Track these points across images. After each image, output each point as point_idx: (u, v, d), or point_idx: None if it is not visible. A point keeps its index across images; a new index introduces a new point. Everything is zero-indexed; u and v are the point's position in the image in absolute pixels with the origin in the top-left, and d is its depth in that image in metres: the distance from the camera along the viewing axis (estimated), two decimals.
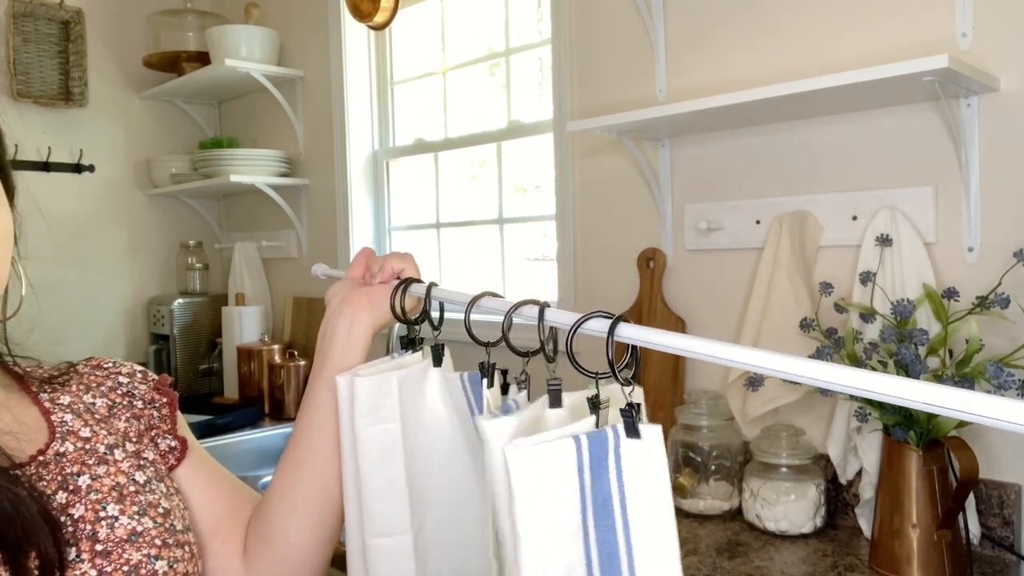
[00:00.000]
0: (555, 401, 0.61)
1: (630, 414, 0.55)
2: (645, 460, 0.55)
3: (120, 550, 0.62)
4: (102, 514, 0.64)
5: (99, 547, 0.62)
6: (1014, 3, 1.25)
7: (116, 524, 0.64)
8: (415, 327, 0.80)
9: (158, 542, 0.65)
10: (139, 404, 0.77)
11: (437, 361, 0.77)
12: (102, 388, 0.76)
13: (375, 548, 0.75)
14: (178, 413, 0.81)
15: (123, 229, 2.82)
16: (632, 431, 0.55)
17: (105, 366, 0.78)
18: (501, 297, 0.71)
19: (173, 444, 0.78)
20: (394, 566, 0.75)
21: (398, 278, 0.81)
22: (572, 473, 0.55)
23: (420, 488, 0.76)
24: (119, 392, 0.76)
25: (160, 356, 2.73)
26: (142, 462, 0.71)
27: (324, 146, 2.57)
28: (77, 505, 0.63)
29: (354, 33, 2.48)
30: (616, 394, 0.58)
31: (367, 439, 0.74)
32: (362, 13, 2.26)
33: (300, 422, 0.80)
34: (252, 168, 2.56)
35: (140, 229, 2.86)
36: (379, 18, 2.25)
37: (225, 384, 2.69)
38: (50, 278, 2.62)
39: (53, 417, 0.69)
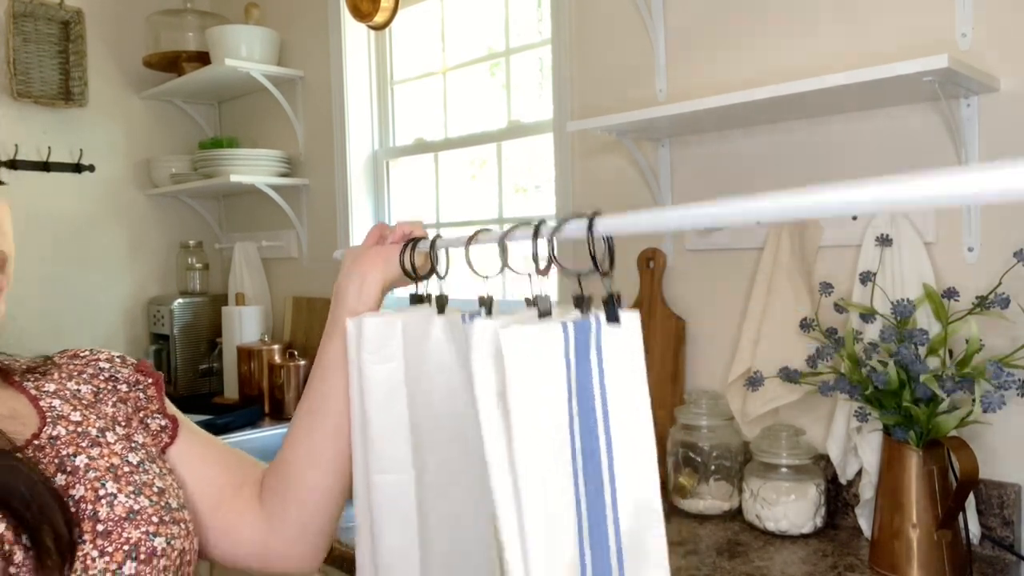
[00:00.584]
0: (544, 312, 0.64)
1: (611, 302, 0.61)
2: (624, 343, 0.61)
3: (120, 529, 0.63)
4: (101, 492, 0.64)
5: (100, 527, 0.63)
6: (1014, 3, 1.25)
7: (115, 502, 0.64)
8: (424, 282, 0.84)
9: (155, 519, 0.66)
10: (123, 387, 0.77)
11: (440, 309, 0.80)
12: (84, 375, 0.76)
13: (378, 484, 0.77)
14: (166, 397, 0.81)
15: (123, 229, 2.82)
16: (613, 317, 0.61)
17: (82, 355, 0.79)
18: (490, 231, 0.75)
19: (164, 423, 0.78)
20: (396, 503, 0.77)
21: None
22: (560, 357, 0.59)
23: (423, 430, 0.78)
24: (102, 378, 0.77)
25: (160, 356, 2.73)
26: (133, 444, 0.72)
27: (324, 146, 2.57)
28: (77, 486, 0.64)
29: (354, 33, 2.48)
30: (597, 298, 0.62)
31: (372, 377, 0.78)
32: (362, 13, 2.26)
33: (315, 374, 0.84)
34: (252, 168, 2.56)
35: (140, 229, 2.86)
36: (379, 18, 2.25)
37: (225, 384, 2.69)
38: (50, 278, 2.62)
39: (42, 403, 0.69)
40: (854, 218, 1.43)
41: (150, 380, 0.80)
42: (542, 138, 2.05)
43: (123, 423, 0.73)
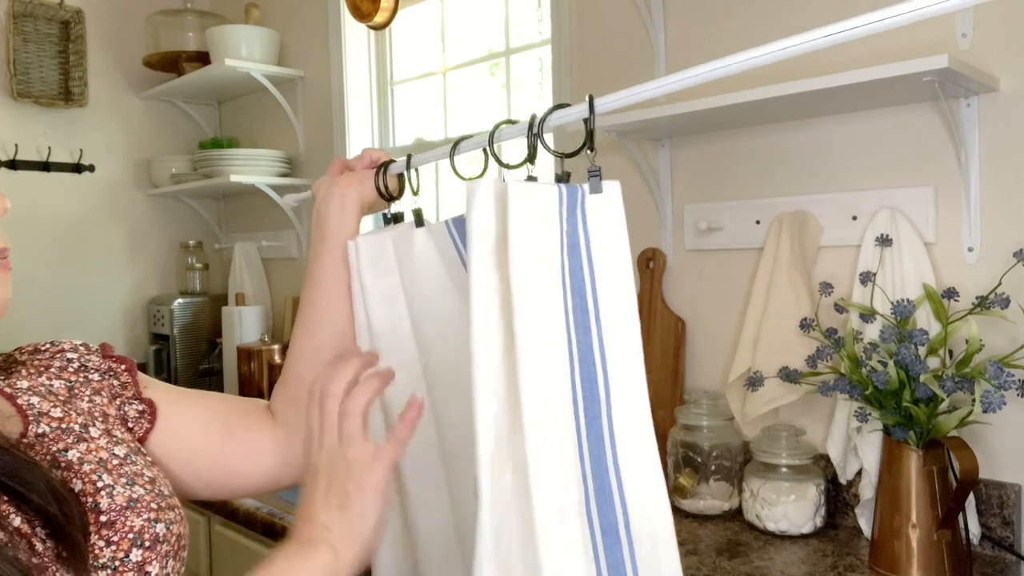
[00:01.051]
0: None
1: (596, 173, 0.70)
2: (606, 209, 0.70)
3: (123, 518, 0.63)
4: (99, 484, 0.64)
5: (103, 518, 0.63)
6: (1014, 3, 1.25)
7: (114, 492, 0.64)
8: (395, 200, 0.94)
9: (153, 506, 0.66)
10: (95, 376, 0.75)
11: (419, 222, 0.88)
12: (52, 370, 0.73)
13: (393, 383, 0.83)
14: (139, 375, 0.80)
15: (123, 229, 2.82)
16: (596, 188, 0.70)
17: (43, 348, 0.76)
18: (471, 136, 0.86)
19: (141, 408, 0.77)
20: (408, 397, 0.81)
21: (374, 165, 0.94)
22: (555, 212, 0.68)
23: (420, 331, 0.87)
24: (71, 370, 0.74)
25: (160, 356, 2.73)
26: (115, 439, 0.71)
27: (324, 146, 2.57)
28: (75, 480, 0.64)
29: (354, 33, 2.48)
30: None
31: (372, 289, 0.88)
32: (362, 13, 2.26)
33: (310, 286, 0.90)
34: (252, 168, 2.56)
35: (140, 229, 2.86)
36: (379, 18, 2.25)
37: (225, 384, 2.69)
38: (50, 278, 2.62)
39: (19, 401, 0.68)
40: (854, 218, 1.43)
41: (124, 367, 0.78)
42: None
43: (100, 419, 0.72)
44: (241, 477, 0.84)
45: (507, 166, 0.81)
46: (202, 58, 2.66)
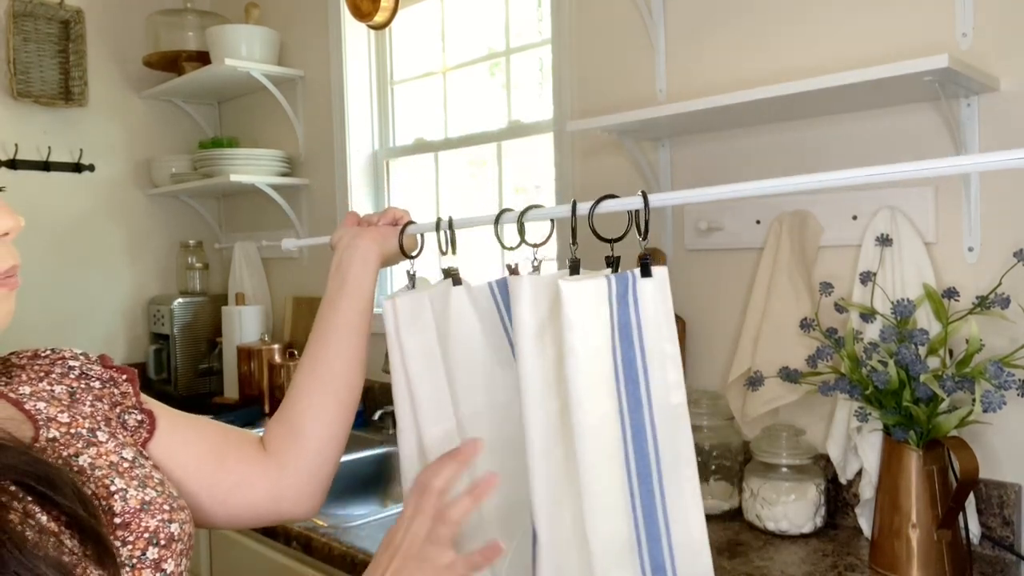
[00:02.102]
0: (574, 269, 0.81)
1: (646, 259, 0.76)
2: (656, 292, 0.76)
3: (137, 520, 0.64)
4: (112, 488, 0.65)
5: (117, 520, 0.63)
6: (1014, 3, 1.25)
7: (127, 496, 0.65)
8: (415, 259, 1.01)
9: (166, 507, 0.67)
10: (97, 384, 0.75)
11: (456, 281, 0.92)
12: (53, 375, 0.73)
13: (431, 437, 0.92)
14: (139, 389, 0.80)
15: (123, 229, 2.82)
16: (646, 272, 0.76)
17: (43, 354, 0.75)
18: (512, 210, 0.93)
19: (141, 418, 0.77)
20: (447, 448, 0.89)
21: (396, 223, 1.01)
22: (604, 303, 0.75)
23: (453, 386, 0.92)
24: (72, 376, 0.74)
25: (160, 356, 2.73)
26: (121, 442, 0.71)
27: (324, 146, 2.57)
28: (88, 484, 0.64)
29: (354, 33, 2.48)
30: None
31: (410, 345, 0.93)
32: (362, 13, 2.26)
33: (323, 335, 0.94)
34: (252, 168, 2.56)
35: (140, 229, 2.86)
36: (379, 18, 2.25)
37: (225, 384, 2.69)
38: (50, 278, 2.62)
39: (27, 406, 0.67)
40: (854, 218, 1.43)
41: (124, 376, 0.78)
42: (542, 138, 2.05)
43: (103, 424, 0.72)
44: (228, 509, 0.83)
45: (534, 245, 0.89)
46: (202, 58, 2.66)
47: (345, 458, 1.97)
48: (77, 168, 2.68)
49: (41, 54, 2.60)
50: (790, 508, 1.38)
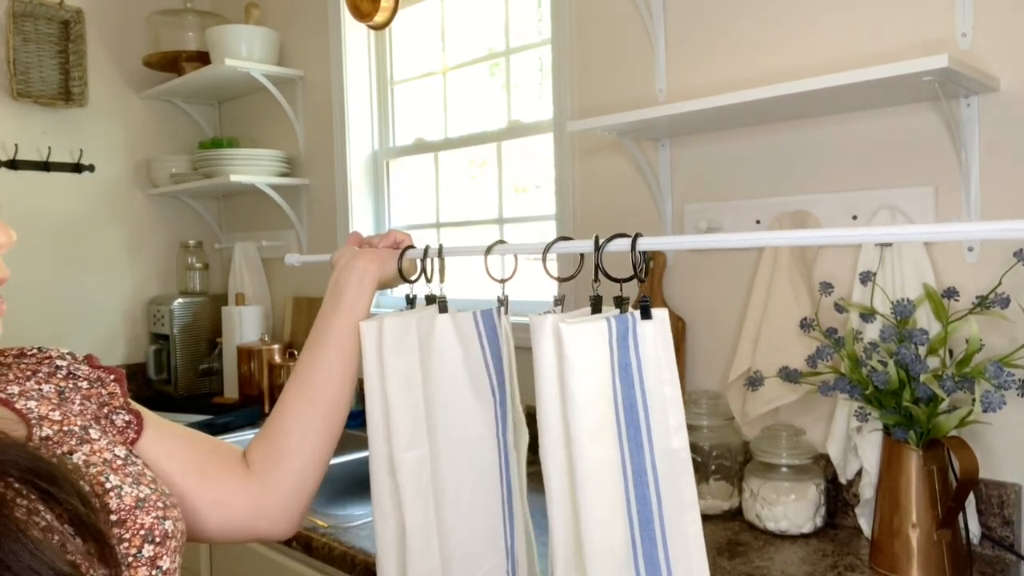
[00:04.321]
0: (595, 308, 0.82)
1: (646, 302, 0.77)
2: (656, 335, 0.77)
3: (133, 517, 0.64)
4: (107, 485, 0.65)
5: (113, 517, 0.63)
6: (1014, 3, 1.25)
7: (123, 493, 0.65)
8: (414, 283, 1.02)
9: (160, 504, 0.67)
10: (84, 384, 0.75)
11: (443, 308, 0.92)
12: (40, 374, 0.73)
13: (403, 461, 0.91)
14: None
15: (123, 229, 2.82)
16: (646, 314, 0.77)
17: (29, 353, 0.75)
18: (506, 243, 0.94)
19: (128, 418, 0.77)
20: (419, 477, 0.91)
21: (397, 246, 1.01)
22: (605, 344, 0.75)
23: (432, 412, 0.92)
24: (60, 376, 0.74)
25: (160, 356, 2.73)
26: (111, 439, 0.71)
27: (324, 146, 2.57)
28: (82, 482, 0.63)
29: (354, 33, 2.48)
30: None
31: (393, 369, 0.92)
32: (362, 13, 2.26)
33: (314, 353, 0.94)
34: (252, 168, 2.56)
35: (140, 229, 2.86)
36: (379, 18, 2.25)
37: (225, 384, 2.69)
38: (50, 278, 2.62)
39: (17, 405, 0.67)
40: (854, 217, 1.43)
41: (112, 377, 0.78)
42: (542, 138, 2.05)
43: (94, 420, 0.72)
44: (205, 524, 0.82)
45: (556, 278, 0.90)
46: (202, 58, 2.66)
47: (345, 458, 1.97)
48: (77, 168, 2.68)
49: (41, 54, 2.60)
50: (790, 508, 1.38)
